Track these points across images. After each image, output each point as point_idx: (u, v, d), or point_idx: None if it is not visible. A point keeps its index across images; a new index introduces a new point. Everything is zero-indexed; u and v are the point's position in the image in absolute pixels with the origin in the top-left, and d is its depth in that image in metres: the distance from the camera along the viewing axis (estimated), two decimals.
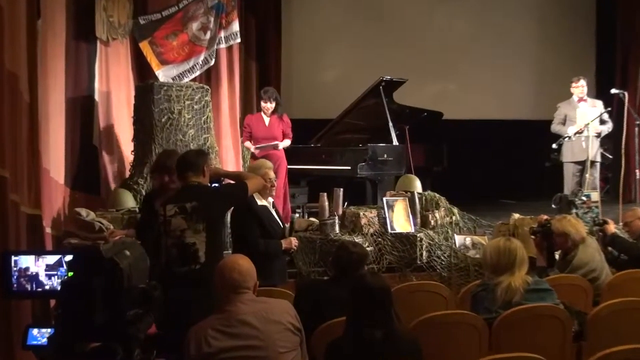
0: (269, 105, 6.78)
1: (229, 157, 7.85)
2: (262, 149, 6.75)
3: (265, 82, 8.92)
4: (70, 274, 1.98)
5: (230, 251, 4.70)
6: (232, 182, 4.31)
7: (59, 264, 3.72)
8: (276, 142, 6.80)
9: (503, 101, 10.68)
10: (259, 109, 6.94)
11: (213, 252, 3.63)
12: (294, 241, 4.57)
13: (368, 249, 5.24)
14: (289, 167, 7.68)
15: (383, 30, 10.18)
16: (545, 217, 4.93)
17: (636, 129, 7.31)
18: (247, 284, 2.92)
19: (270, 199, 4.60)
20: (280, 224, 4.58)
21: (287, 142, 6.92)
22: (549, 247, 4.65)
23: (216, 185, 4.39)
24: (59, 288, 3.45)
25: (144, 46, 7.11)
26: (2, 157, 4.15)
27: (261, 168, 4.54)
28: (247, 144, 6.95)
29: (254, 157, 6.80)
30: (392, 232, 5.67)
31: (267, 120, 6.84)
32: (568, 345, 3.50)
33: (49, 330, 3.32)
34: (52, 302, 4.88)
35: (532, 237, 4.74)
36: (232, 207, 4.30)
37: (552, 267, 4.57)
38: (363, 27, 10.17)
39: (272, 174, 4.54)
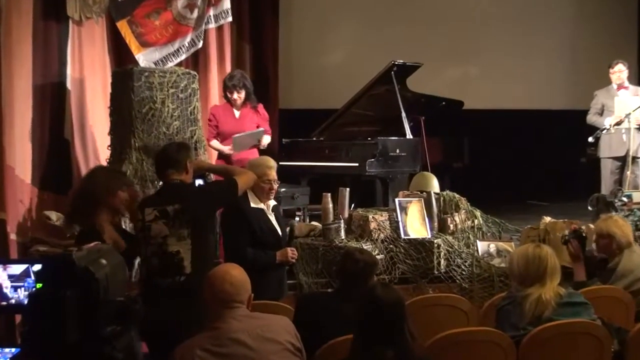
0: (237, 96, 6.19)
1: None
2: (241, 142, 6.07)
3: (261, 67, 8.92)
4: (39, 285, 1.98)
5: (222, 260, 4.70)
6: (218, 178, 4.31)
7: (25, 274, 3.73)
8: (260, 130, 6.11)
9: (532, 89, 10.67)
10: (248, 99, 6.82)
11: (200, 261, 3.63)
12: (290, 253, 4.54)
13: (378, 257, 5.23)
14: (287, 163, 7.67)
15: (395, 7, 10.17)
16: (575, 224, 4.94)
17: None
18: (240, 297, 2.92)
19: (272, 202, 4.58)
20: (279, 231, 4.56)
21: (267, 139, 6.40)
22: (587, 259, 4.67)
23: (200, 182, 4.39)
24: (25, 302, 3.45)
25: (122, 26, 7.11)
26: None
27: (261, 166, 4.51)
28: (215, 143, 6.26)
29: (225, 159, 6.31)
30: (406, 237, 5.67)
31: (237, 112, 6.27)
32: None
33: (12, 350, 3.32)
34: (18, 318, 4.88)
35: (565, 246, 4.75)
36: (220, 208, 4.29)
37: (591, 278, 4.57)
38: (372, 3, 10.17)
39: (272, 174, 4.52)
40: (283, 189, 7.42)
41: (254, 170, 4.39)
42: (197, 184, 4.21)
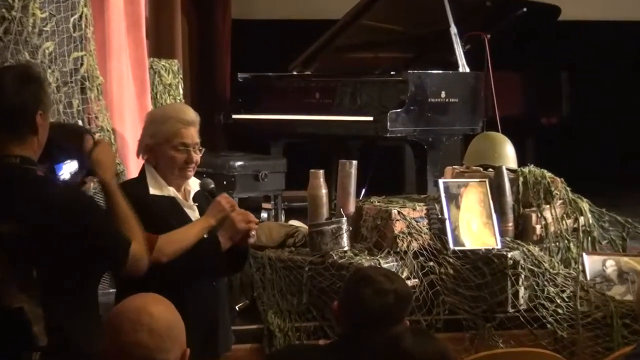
0: None
1: (126, 97, 7.84)
2: None
3: None
4: None
5: None
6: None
7: None
8: None
9: None
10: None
11: (69, 321, 3.55)
12: (225, 201, 4.41)
13: (408, 282, 5.27)
14: (246, 117, 7.68)
15: None
16: None
17: None
18: (165, 354, 2.93)
19: (194, 186, 4.53)
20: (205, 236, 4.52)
21: None
22: None
23: (70, 171, 4.07)
24: None
25: None
26: None
27: (169, 121, 4.40)
28: None
29: None
30: (458, 249, 5.69)
31: None
32: None
33: None
34: None
35: None
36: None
37: None
38: None
39: (191, 134, 4.45)
40: (239, 163, 7.43)
41: (156, 128, 4.34)
42: (62, 175, 3.93)
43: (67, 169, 3.66)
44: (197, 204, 4.45)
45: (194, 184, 4.49)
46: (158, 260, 4.10)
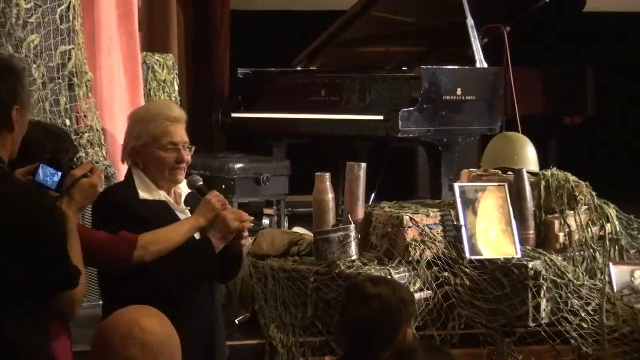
0: None
1: (117, 94, 7.84)
2: None
3: None
4: None
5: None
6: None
7: None
8: None
9: None
10: None
11: (16, 331, 3.52)
12: (215, 199, 4.40)
13: (419, 295, 5.26)
14: (247, 116, 7.67)
15: None
16: None
17: None
18: None
19: (184, 189, 4.51)
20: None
21: None
22: None
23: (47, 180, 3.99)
24: None
25: None
26: None
27: (155, 118, 4.36)
28: None
29: None
30: (475, 258, 5.68)
31: None
32: None
33: None
34: None
35: None
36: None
37: None
38: None
39: (180, 133, 4.42)
40: (239, 165, 7.41)
41: (142, 128, 4.31)
42: (37, 176, 3.86)
43: (48, 176, 3.57)
44: (189, 208, 4.43)
45: (184, 187, 4.47)
46: (142, 259, 4.12)
